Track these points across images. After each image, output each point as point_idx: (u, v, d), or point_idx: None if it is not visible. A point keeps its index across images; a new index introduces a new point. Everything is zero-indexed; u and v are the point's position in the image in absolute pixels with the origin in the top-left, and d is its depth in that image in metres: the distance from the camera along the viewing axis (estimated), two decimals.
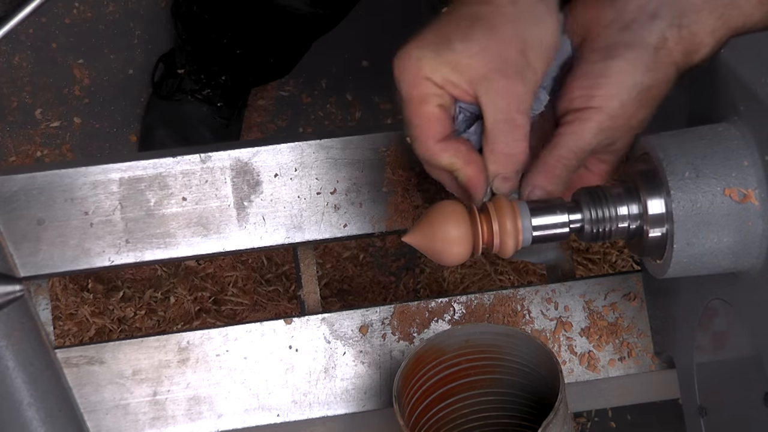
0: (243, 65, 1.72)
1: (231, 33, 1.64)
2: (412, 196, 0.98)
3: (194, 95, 1.75)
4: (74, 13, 1.88)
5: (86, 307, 1.68)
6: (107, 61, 1.86)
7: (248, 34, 1.64)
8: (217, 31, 1.66)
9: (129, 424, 0.96)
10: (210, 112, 1.76)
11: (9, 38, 1.79)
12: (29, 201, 0.94)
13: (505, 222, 0.77)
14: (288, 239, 0.98)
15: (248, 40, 1.66)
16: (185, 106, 1.76)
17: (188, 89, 1.75)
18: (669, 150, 0.73)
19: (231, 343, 0.97)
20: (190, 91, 1.75)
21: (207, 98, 1.75)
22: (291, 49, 1.73)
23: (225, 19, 1.64)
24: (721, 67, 0.75)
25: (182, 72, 1.75)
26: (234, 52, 1.68)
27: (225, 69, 1.73)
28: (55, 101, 1.86)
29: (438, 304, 0.99)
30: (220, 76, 1.73)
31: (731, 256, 0.74)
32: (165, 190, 0.96)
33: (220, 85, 1.74)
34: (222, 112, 1.76)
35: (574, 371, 0.99)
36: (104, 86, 1.86)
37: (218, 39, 1.67)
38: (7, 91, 1.85)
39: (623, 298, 1.00)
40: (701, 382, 0.87)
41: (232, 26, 1.64)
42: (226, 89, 1.75)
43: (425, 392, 0.94)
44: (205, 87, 1.74)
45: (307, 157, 0.98)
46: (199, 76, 1.74)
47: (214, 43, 1.68)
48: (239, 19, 1.61)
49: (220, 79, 1.73)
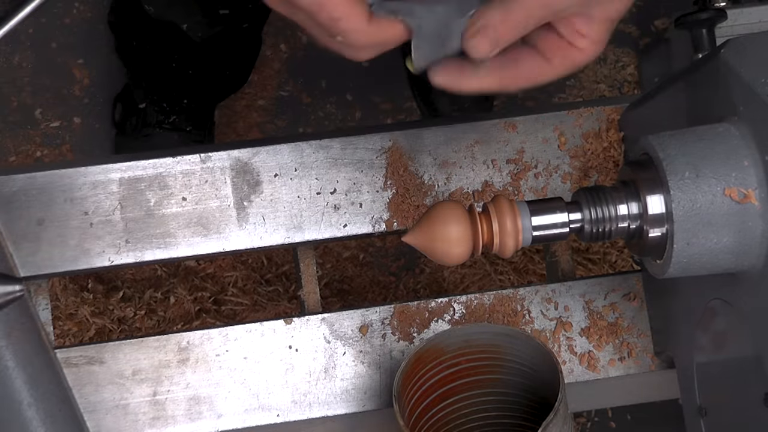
0: (200, 84, 1.70)
1: (176, 56, 1.63)
2: (412, 196, 0.98)
3: (161, 126, 1.73)
4: (74, 13, 1.88)
5: (86, 307, 1.68)
6: (107, 61, 1.86)
7: (191, 54, 1.62)
8: (163, 58, 1.64)
9: (129, 424, 0.96)
10: (180, 138, 1.74)
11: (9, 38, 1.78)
12: (29, 201, 0.94)
13: (505, 222, 0.77)
14: (288, 239, 0.98)
15: (194, 60, 1.64)
16: (154, 139, 1.74)
17: (154, 121, 1.74)
18: (669, 150, 0.73)
19: (231, 343, 0.97)
20: (157, 123, 1.73)
21: (174, 125, 1.73)
22: (241, 59, 1.72)
23: (165, 46, 1.62)
24: (721, 67, 0.75)
25: (144, 106, 1.73)
26: (186, 74, 1.66)
27: (184, 92, 1.71)
28: (55, 101, 1.86)
29: (438, 304, 0.99)
30: (181, 101, 1.72)
31: (731, 256, 0.74)
32: (165, 190, 0.97)
33: (183, 109, 1.73)
34: (192, 135, 1.75)
35: (574, 371, 0.99)
36: (104, 86, 1.86)
37: (167, 66, 1.65)
38: (7, 91, 1.85)
39: (623, 298, 1.00)
40: (701, 382, 0.87)
41: (174, 51, 1.62)
42: (191, 111, 1.73)
43: (425, 392, 0.94)
44: (169, 114, 1.73)
45: (307, 157, 0.98)
46: (162, 105, 1.72)
47: (164, 71, 1.67)
48: (177, 43, 1.60)
49: (182, 103, 1.72)
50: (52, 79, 1.86)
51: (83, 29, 1.88)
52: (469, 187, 0.99)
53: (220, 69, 1.69)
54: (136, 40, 1.66)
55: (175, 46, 1.60)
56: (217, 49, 1.61)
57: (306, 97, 1.90)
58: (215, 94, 1.78)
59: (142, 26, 1.60)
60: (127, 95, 1.78)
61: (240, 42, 1.64)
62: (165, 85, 1.70)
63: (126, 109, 1.79)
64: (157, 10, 1.49)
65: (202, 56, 1.63)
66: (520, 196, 0.99)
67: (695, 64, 0.82)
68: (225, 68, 1.70)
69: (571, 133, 1.00)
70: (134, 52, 1.68)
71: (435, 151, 0.99)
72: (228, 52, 1.64)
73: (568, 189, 1.00)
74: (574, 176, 1.00)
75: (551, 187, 1.00)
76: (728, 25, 1.45)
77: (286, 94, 1.90)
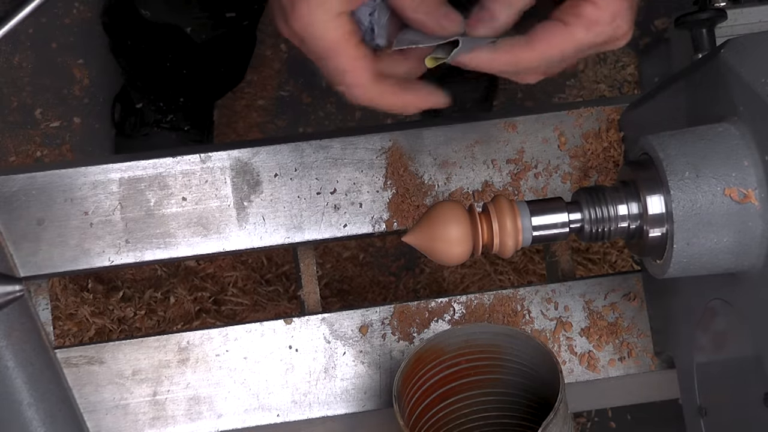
0: (195, 82, 1.70)
1: (171, 55, 1.62)
2: (412, 196, 0.98)
3: (159, 125, 1.73)
4: (74, 13, 1.88)
5: (86, 307, 1.68)
6: (107, 61, 1.85)
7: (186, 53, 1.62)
8: (158, 58, 1.64)
9: (129, 424, 0.96)
10: (179, 137, 1.74)
11: (9, 38, 1.79)
12: (29, 201, 0.94)
13: (505, 222, 0.77)
14: (288, 239, 0.98)
15: (189, 58, 1.64)
16: (153, 139, 1.73)
17: (152, 121, 1.73)
18: (669, 150, 0.73)
19: (231, 343, 0.97)
20: (155, 122, 1.73)
21: (173, 124, 1.73)
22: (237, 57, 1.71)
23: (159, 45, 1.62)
24: (721, 67, 0.75)
25: (141, 106, 1.73)
26: (181, 73, 1.66)
27: (180, 91, 1.71)
28: (55, 101, 1.86)
29: (438, 304, 0.99)
30: (178, 99, 1.71)
31: (731, 256, 0.74)
32: (165, 190, 0.97)
33: (180, 108, 1.72)
34: (191, 134, 1.74)
35: (574, 371, 0.99)
36: (104, 86, 1.86)
37: (162, 65, 1.65)
38: (7, 91, 1.85)
39: (623, 298, 1.00)
40: (701, 382, 0.87)
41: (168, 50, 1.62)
42: (188, 110, 1.73)
43: (425, 392, 0.94)
44: (167, 114, 1.72)
45: (307, 157, 0.98)
46: (158, 104, 1.72)
47: (160, 70, 1.66)
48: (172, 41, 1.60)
49: (179, 102, 1.71)
50: (52, 79, 1.86)
51: (83, 29, 1.88)
52: (469, 187, 0.99)
53: (216, 67, 1.69)
54: (131, 41, 1.65)
55: (172, 47, 1.60)
56: (216, 49, 1.61)
57: (306, 97, 1.90)
58: (212, 92, 1.78)
59: (137, 28, 1.60)
60: (125, 95, 1.78)
61: (237, 40, 1.64)
62: (160, 84, 1.70)
63: (124, 110, 1.79)
64: (154, 14, 1.49)
65: (199, 56, 1.63)
66: (520, 196, 0.99)
67: (695, 64, 0.82)
68: (221, 66, 1.70)
69: (571, 133, 1.00)
70: (129, 52, 1.68)
71: (435, 151, 0.99)
72: (225, 51, 1.64)
73: (568, 189, 1.00)
74: (574, 176, 1.00)
75: (551, 187, 1.00)
76: (728, 25, 1.44)
77: (286, 94, 1.90)
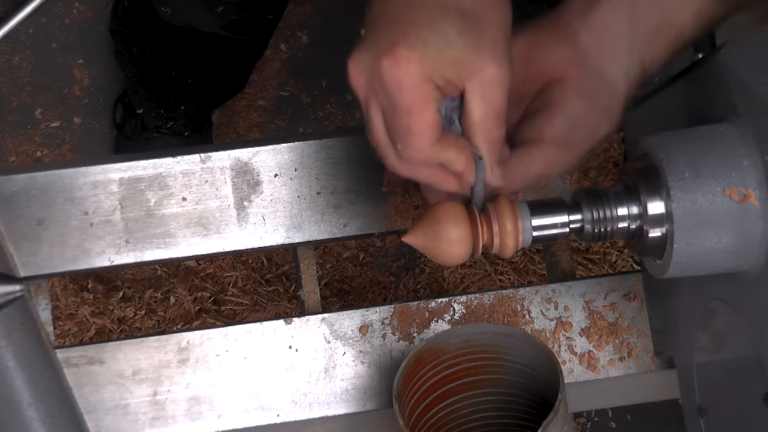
0: (198, 91, 1.70)
1: (176, 64, 1.62)
2: (412, 196, 0.98)
3: (159, 131, 1.73)
4: (74, 13, 1.88)
5: (86, 307, 1.68)
6: (107, 61, 1.86)
7: (192, 62, 1.62)
8: (163, 66, 1.64)
9: (129, 424, 0.96)
10: (179, 143, 1.74)
11: (9, 38, 1.79)
12: (29, 201, 0.94)
13: (506, 222, 0.77)
14: (288, 239, 0.98)
15: (194, 68, 1.64)
16: (153, 144, 1.74)
17: (152, 126, 1.74)
18: (669, 150, 0.73)
19: (231, 343, 0.97)
20: (155, 128, 1.73)
21: (173, 130, 1.73)
22: (239, 66, 1.71)
23: (166, 53, 1.62)
24: (721, 67, 0.75)
25: (141, 111, 1.73)
26: (186, 82, 1.66)
27: (181, 99, 1.71)
28: (55, 101, 1.86)
29: (438, 304, 0.99)
30: (179, 107, 1.71)
31: (731, 256, 0.74)
32: (165, 190, 0.97)
33: (181, 115, 1.72)
34: (191, 140, 1.75)
35: (574, 371, 0.99)
36: (104, 86, 1.86)
37: (166, 73, 1.65)
38: (7, 91, 1.85)
39: (623, 298, 1.00)
40: (701, 382, 0.87)
41: (174, 59, 1.62)
42: (188, 117, 1.73)
43: (425, 392, 0.94)
44: (167, 120, 1.73)
45: (307, 157, 0.98)
46: (159, 111, 1.72)
47: (163, 78, 1.67)
48: (179, 51, 1.60)
49: (179, 110, 1.72)
50: (52, 79, 1.86)
51: (83, 29, 1.88)
52: None
53: (217, 76, 1.69)
54: (137, 47, 1.65)
55: (177, 54, 1.60)
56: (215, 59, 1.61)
57: (306, 97, 1.90)
58: (213, 100, 1.78)
59: (150, 33, 1.60)
60: (127, 97, 1.79)
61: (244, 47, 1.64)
62: (163, 92, 1.70)
63: (126, 111, 1.79)
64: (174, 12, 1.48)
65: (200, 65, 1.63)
66: (520, 196, 0.99)
67: (695, 64, 0.82)
68: (223, 75, 1.70)
69: None
70: (134, 59, 1.68)
71: None
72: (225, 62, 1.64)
73: (568, 189, 1.00)
74: (574, 176, 1.00)
75: (551, 187, 1.00)
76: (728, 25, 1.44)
77: (286, 94, 1.90)
